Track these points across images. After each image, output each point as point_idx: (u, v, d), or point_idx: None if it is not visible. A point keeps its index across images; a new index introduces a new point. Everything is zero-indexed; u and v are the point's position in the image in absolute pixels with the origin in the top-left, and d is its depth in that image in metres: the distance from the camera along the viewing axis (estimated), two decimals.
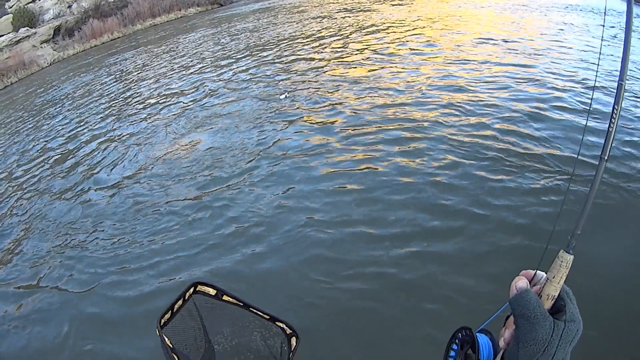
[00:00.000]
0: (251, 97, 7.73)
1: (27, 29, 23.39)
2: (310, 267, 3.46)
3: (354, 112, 6.15)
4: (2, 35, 23.10)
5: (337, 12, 15.10)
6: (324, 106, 6.58)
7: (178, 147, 6.42)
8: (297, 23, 14.66)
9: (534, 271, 0.63)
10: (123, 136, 7.66)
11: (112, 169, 6.38)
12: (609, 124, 0.59)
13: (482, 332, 0.73)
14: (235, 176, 5.11)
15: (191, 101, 8.46)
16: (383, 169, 4.57)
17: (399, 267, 3.26)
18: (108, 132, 8.11)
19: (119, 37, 23.86)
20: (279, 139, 5.79)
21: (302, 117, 6.35)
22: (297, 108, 6.71)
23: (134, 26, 24.98)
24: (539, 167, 4.13)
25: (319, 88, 7.43)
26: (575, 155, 4.19)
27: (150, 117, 8.21)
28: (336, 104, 6.59)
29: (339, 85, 7.36)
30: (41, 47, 22.84)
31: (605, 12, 12.03)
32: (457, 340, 0.74)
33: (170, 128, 7.31)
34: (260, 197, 4.56)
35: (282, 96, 7.31)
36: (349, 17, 13.83)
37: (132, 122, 8.30)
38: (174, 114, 7.96)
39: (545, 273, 0.62)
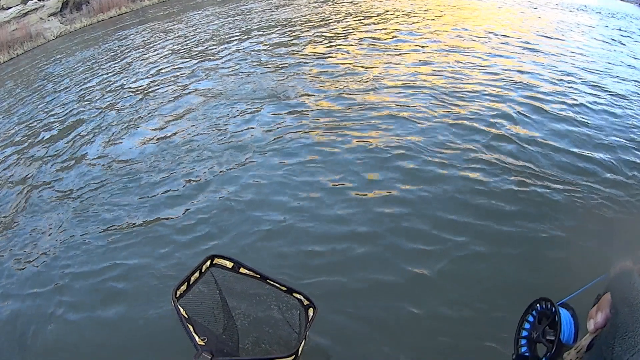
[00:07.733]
0: (240, 84, 7.60)
1: (36, 2, 23.05)
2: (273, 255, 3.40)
3: (334, 102, 6.08)
4: (11, 8, 22.83)
5: None
6: (309, 97, 6.49)
7: (161, 131, 6.36)
8: (305, 7, 14.39)
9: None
10: (105, 119, 7.57)
11: (83, 154, 6.31)
12: None
13: (563, 307, 0.63)
14: (201, 164, 5.09)
15: (181, 85, 8.36)
16: (361, 165, 4.52)
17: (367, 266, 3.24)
18: (93, 114, 8.02)
19: (126, 12, 23.47)
20: (253, 128, 5.73)
21: (288, 106, 6.28)
22: (284, 97, 6.62)
23: (142, 1, 24.54)
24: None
25: (309, 77, 7.32)
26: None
27: (139, 100, 8.10)
28: (321, 93, 6.51)
29: (327, 76, 7.25)
30: (48, 20, 22.60)
31: None
32: (534, 312, 0.64)
33: (156, 112, 7.22)
34: (226, 187, 4.55)
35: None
36: (357, 3, 13.56)
37: (120, 104, 8.19)
38: (163, 98, 7.85)
39: None
